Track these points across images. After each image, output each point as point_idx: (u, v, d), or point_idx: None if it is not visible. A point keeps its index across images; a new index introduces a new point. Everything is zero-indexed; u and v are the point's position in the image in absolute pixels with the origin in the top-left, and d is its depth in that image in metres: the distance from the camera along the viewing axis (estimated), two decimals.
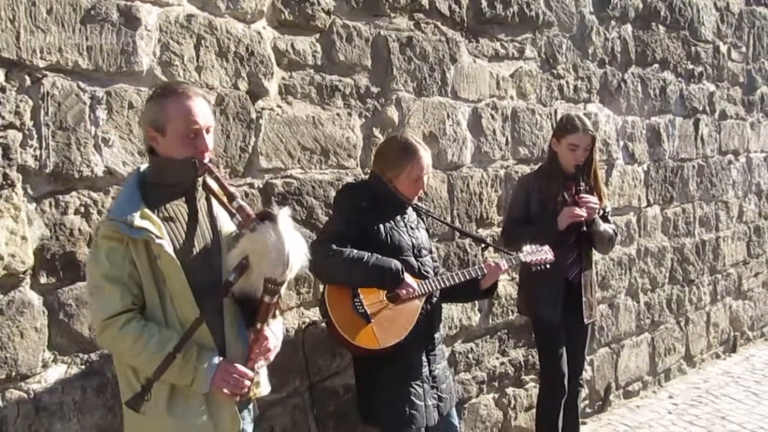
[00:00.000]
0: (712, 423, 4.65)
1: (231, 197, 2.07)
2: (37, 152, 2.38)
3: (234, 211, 2.07)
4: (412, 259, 2.86)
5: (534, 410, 4.07)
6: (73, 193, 2.48)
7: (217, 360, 2.05)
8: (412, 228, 2.92)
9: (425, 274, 2.89)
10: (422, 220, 3.05)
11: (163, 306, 2.03)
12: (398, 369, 2.79)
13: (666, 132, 5.36)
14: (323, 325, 3.14)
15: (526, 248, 3.23)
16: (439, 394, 2.91)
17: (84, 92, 2.48)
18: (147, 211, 2.00)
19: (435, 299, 2.94)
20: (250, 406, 2.28)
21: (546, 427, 3.70)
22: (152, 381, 1.95)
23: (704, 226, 5.85)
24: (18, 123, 2.34)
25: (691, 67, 5.58)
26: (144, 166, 2.16)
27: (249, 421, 2.26)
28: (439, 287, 2.89)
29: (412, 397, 2.80)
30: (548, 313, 3.55)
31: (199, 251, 2.09)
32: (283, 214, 1.98)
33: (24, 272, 2.37)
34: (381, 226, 2.80)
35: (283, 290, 2.05)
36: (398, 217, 2.88)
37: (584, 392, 4.52)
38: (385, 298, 2.77)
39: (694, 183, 5.69)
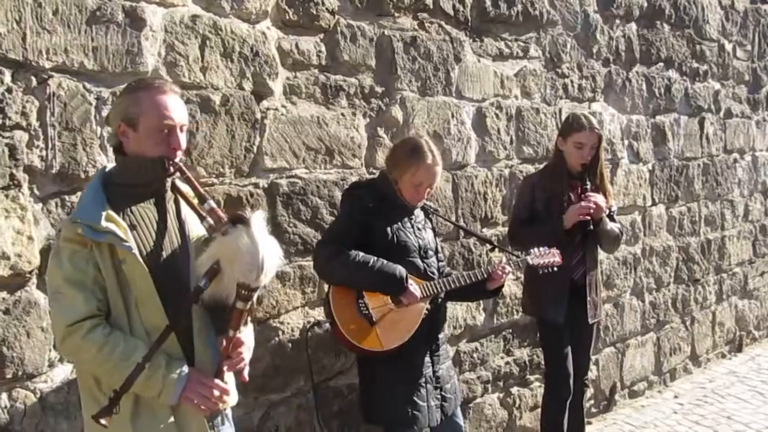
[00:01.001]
0: (718, 423, 4.63)
1: (202, 199, 1.97)
2: (43, 153, 2.39)
3: (205, 213, 1.98)
4: (418, 261, 2.85)
5: (538, 410, 4.06)
6: (79, 193, 2.47)
7: (186, 371, 1.94)
8: (418, 229, 2.91)
9: (431, 275, 2.89)
10: (429, 219, 3.05)
11: (128, 312, 1.92)
12: (401, 369, 2.79)
13: (671, 131, 5.35)
14: (327, 325, 3.15)
15: (534, 251, 3.23)
16: (443, 394, 2.90)
17: (90, 93, 2.49)
18: (112, 213, 1.90)
19: (440, 300, 2.94)
20: (228, 412, 2.14)
21: (551, 427, 3.70)
22: (121, 393, 1.84)
23: (710, 225, 5.83)
24: (24, 123, 2.35)
25: (696, 65, 5.56)
26: (109, 166, 2.05)
27: (229, 426, 2.15)
28: (444, 289, 2.88)
29: (415, 398, 2.80)
30: (553, 313, 3.54)
31: (167, 256, 1.99)
32: (257, 218, 1.88)
33: (30, 272, 2.38)
34: (387, 227, 2.79)
35: (255, 296, 1.94)
36: (405, 218, 2.87)
37: (589, 392, 4.52)
38: (390, 300, 2.76)
39: (700, 182, 5.68)
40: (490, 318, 4.10)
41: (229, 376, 2.07)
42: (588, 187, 3.48)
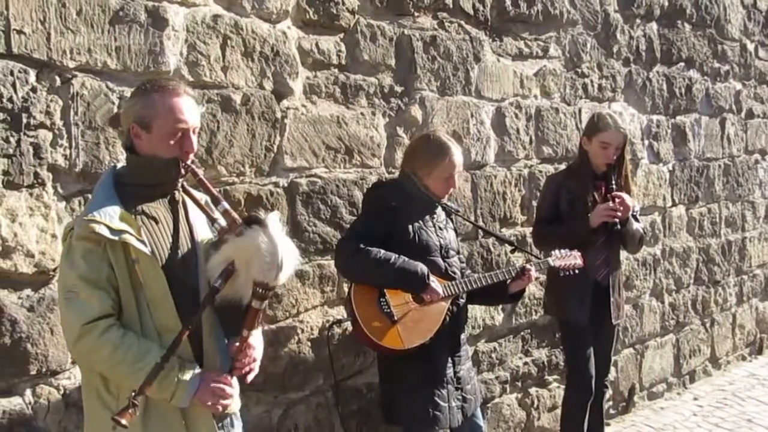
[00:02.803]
0: (738, 426, 4.59)
1: (216, 201, 1.96)
2: (67, 151, 2.41)
3: (215, 215, 1.98)
4: (440, 260, 2.84)
5: (557, 411, 4.04)
6: None
7: (198, 372, 1.93)
8: (440, 228, 2.90)
9: (452, 275, 2.88)
10: (451, 220, 3.04)
11: (140, 312, 1.91)
12: (423, 370, 2.78)
13: (692, 131, 5.30)
14: (346, 323, 3.16)
15: (556, 253, 3.21)
16: (464, 395, 2.89)
17: (112, 92, 2.51)
18: (125, 212, 1.89)
19: (461, 301, 2.93)
20: (237, 413, 2.12)
21: (572, 429, 3.66)
22: (138, 394, 1.80)
23: (730, 226, 5.77)
24: (48, 123, 2.37)
25: (717, 65, 5.51)
26: (120, 164, 2.05)
27: (238, 427, 2.13)
28: (465, 290, 2.87)
29: (436, 399, 2.79)
30: (576, 314, 3.50)
31: (178, 257, 1.98)
32: (273, 219, 1.87)
33: (54, 270, 2.39)
34: (409, 225, 2.78)
35: (270, 296, 1.94)
36: (427, 217, 2.86)
37: (608, 393, 4.49)
38: (411, 299, 2.76)
39: (720, 183, 5.62)
40: (509, 318, 4.09)
41: (234, 382, 2.03)
42: (613, 187, 3.46)
